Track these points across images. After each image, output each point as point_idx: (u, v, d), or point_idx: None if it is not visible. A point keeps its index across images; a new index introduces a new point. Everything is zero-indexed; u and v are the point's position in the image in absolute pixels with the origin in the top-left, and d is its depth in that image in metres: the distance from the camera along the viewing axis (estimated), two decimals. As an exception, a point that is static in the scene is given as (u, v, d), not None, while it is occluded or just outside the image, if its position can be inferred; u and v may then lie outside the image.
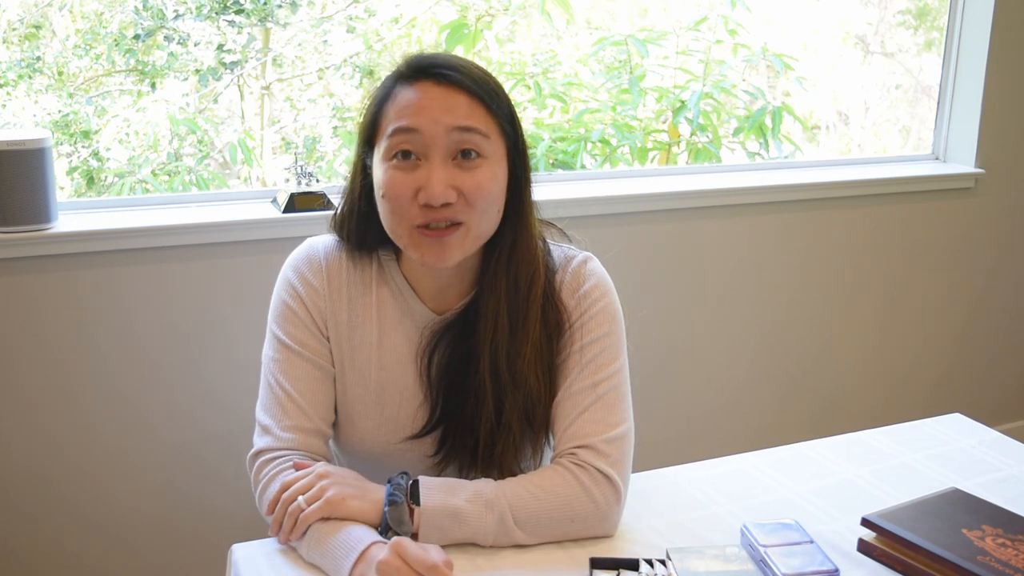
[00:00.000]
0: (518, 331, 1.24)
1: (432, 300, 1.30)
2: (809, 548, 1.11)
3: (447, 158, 1.17)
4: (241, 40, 3.29)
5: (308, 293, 1.30)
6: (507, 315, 1.24)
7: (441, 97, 1.18)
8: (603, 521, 1.19)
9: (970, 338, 2.89)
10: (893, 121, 4.74)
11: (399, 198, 1.18)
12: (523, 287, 1.25)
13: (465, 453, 1.29)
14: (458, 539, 1.15)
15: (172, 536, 1.99)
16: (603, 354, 1.27)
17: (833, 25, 4.39)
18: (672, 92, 3.05)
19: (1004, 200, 2.80)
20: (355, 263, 1.32)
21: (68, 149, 3.25)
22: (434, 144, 1.17)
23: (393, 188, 1.18)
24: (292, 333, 1.29)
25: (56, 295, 1.83)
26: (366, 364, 1.30)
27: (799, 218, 2.52)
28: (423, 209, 1.17)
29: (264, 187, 2.37)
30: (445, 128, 1.16)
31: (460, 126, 1.17)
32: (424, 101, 1.17)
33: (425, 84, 1.19)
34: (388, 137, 1.19)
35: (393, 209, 1.19)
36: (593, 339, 1.28)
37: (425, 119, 1.16)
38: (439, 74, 1.19)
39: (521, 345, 1.25)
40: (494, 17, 3.34)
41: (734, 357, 2.52)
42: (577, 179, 2.45)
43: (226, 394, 1.97)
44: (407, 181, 1.17)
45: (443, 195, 1.16)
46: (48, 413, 1.87)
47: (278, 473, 1.22)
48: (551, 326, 1.28)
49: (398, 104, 1.19)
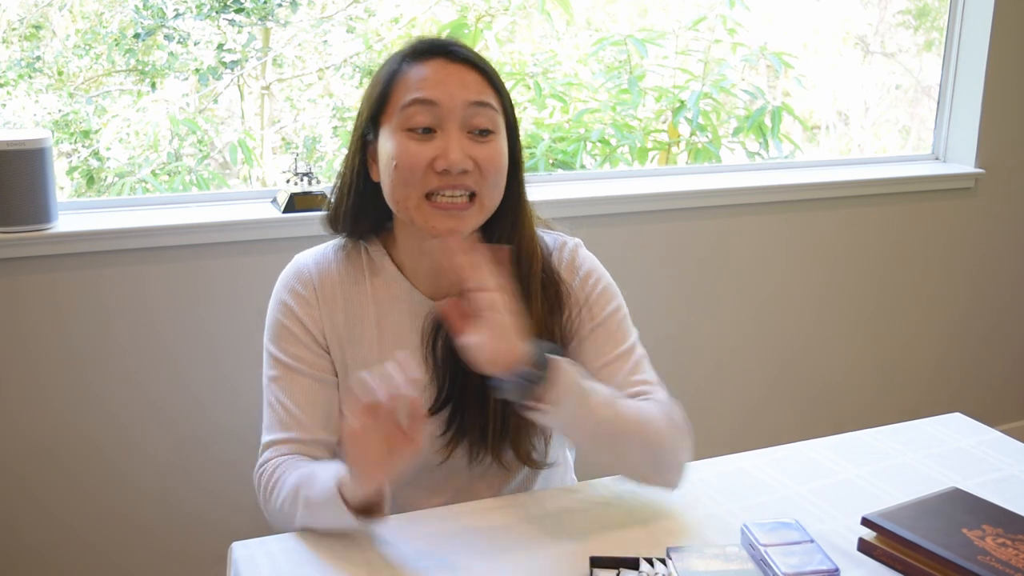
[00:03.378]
0: (522, 307, 1.26)
1: (426, 285, 1.31)
2: (809, 548, 1.11)
3: (462, 130, 1.20)
4: (241, 39, 3.29)
5: (300, 307, 1.30)
6: (512, 291, 1.26)
7: (456, 72, 1.21)
8: (677, 467, 1.24)
9: (970, 338, 2.89)
10: (893, 121, 4.74)
11: (414, 167, 1.19)
12: (524, 264, 1.28)
13: (475, 432, 1.29)
14: (575, 416, 1.15)
15: (172, 536, 1.99)
16: (624, 322, 1.34)
17: (833, 25, 4.39)
18: (672, 92, 3.05)
19: (1004, 200, 2.80)
20: (346, 260, 1.33)
21: (68, 149, 3.25)
22: (451, 116, 1.20)
23: (408, 157, 1.19)
24: (288, 350, 1.30)
25: (56, 295, 1.83)
26: (368, 357, 1.30)
27: (799, 218, 2.52)
28: (440, 176, 1.19)
29: (264, 187, 2.37)
30: (462, 102, 1.20)
31: (476, 100, 1.20)
32: (440, 75, 1.21)
33: (438, 60, 1.22)
34: (403, 108, 1.20)
35: (406, 179, 1.20)
36: (611, 311, 1.33)
37: (442, 92, 1.19)
38: (451, 51, 1.23)
39: (526, 320, 1.26)
40: (494, 17, 3.34)
41: (733, 356, 2.52)
42: (577, 179, 2.45)
43: (226, 393, 1.97)
44: (423, 151, 1.19)
45: (462, 162, 1.18)
46: (48, 413, 1.87)
47: (283, 473, 1.23)
48: (551, 300, 1.31)
49: (412, 78, 1.22)
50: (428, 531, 1.20)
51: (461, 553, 1.15)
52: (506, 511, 1.25)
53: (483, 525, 1.22)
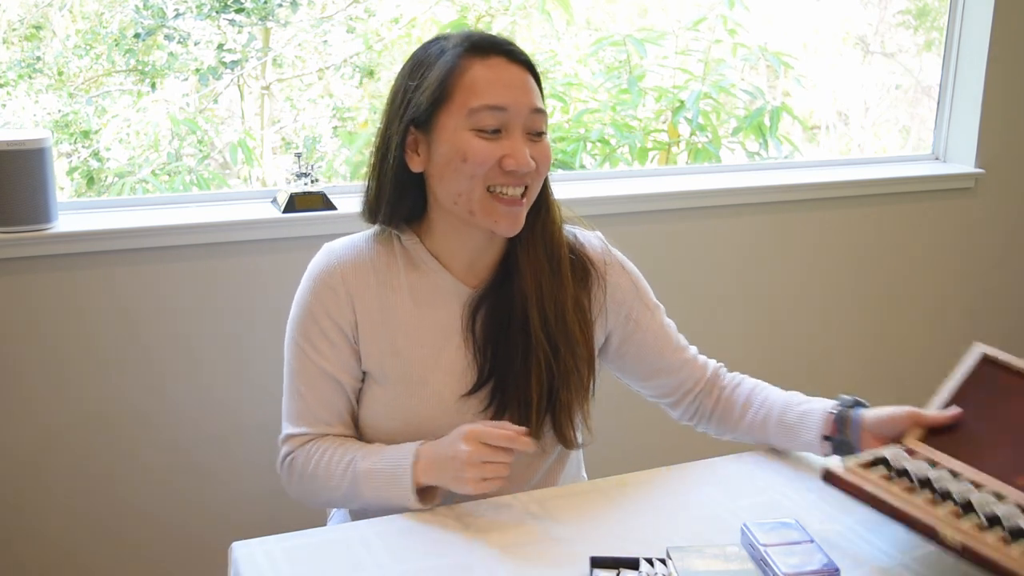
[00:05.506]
0: (559, 284, 1.34)
1: (463, 274, 1.35)
2: (809, 547, 1.11)
3: (524, 132, 1.28)
4: (241, 39, 3.30)
5: (329, 301, 1.32)
6: (548, 271, 1.33)
7: (519, 77, 1.28)
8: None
9: (970, 338, 2.87)
10: (893, 121, 4.74)
11: (483, 164, 1.25)
12: (556, 244, 1.36)
13: (515, 409, 1.33)
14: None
15: (172, 535, 1.99)
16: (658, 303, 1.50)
17: (833, 25, 4.40)
18: (671, 92, 3.05)
19: (1004, 200, 2.80)
20: (379, 248, 1.35)
21: (68, 149, 3.25)
22: (517, 120, 1.26)
23: (478, 155, 1.25)
24: (316, 345, 1.33)
25: (56, 295, 1.83)
26: (405, 345, 1.32)
27: (799, 218, 2.52)
28: (505, 175, 1.26)
29: (264, 187, 2.37)
30: (528, 109, 1.27)
31: (537, 108, 1.28)
32: (505, 79, 1.26)
33: (499, 60, 1.27)
34: (475, 112, 1.24)
35: (473, 174, 1.25)
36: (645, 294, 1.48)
37: (511, 99, 1.26)
38: (510, 51, 1.28)
39: (564, 297, 1.34)
40: (494, 17, 3.35)
41: (733, 357, 2.51)
42: (577, 179, 2.45)
43: (226, 393, 1.97)
44: (492, 150, 1.25)
45: (529, 163, 1.26)
46: (48, 413, 1.87)
47: (323, 449, 1.32)
48: (578, 275, 1.39)
49: (478, 79, 1.25)
50: (428, 531, 1.20)
51: (461, 553, 1.15)
52: (506, 511, 1.25)
53: (483, 525, 1.22)
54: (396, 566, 1.12)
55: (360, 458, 1.28)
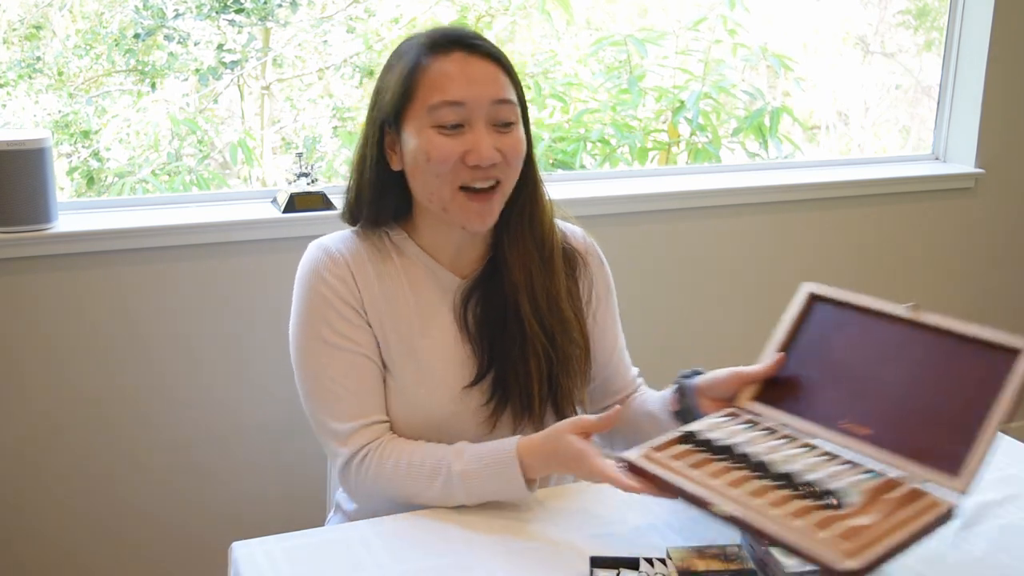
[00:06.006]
0: (550, 274, 1.35)
1: (451, 265, 1.35)
2: (809, 548, 1.11)
3: (488, 124, 1.26)
4: (241, 39, 3.30)
5: (339, 284, 1.31)
6: (538, 260, 1.34)
7: (480, 68, 1.26)
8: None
9: (970, 338, 2.88)
10: (893, 121, 4.74)
11: (446, 161, 1.24)
12: (546, 235, 1.36)
13: (517, 399, 1.33)
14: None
15: (172, 535, 2.00)
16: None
17: (833, 25, 4.39)
18: (672, 92, 3.05)
19: (1004, 200, 2.80)
20: (368, 242, 1.35)
21: (68, 149, 3.25)
22: (478, 113, 1.25)
23: (439, 152, 1.24)
24: (337, 329, 1.30)
25: (56, 295, 1.83)
26: (407, 332, 1.32)
27: (799, 218, 2.52)
28: (471, 170, 1.25)
29: (264, 187, 2.37)
30: (489, 101, 1.25)
31: (500, 99, 1.26)
32: (465, 72, 1.25)
33: (459, 54, 1.26)
34: (433, 109, 1.24)
35: (438, 172, 1.25)
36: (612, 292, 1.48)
37: (469, 92, 1.24)
38: (470, 44, 1.27)
39: (557, 286, 1.35)
40: (494, 17, 3.35)
41: (732, 357, 2.51)
42: (577, 179, 2.45)
43: (226, 393, 1.98)
44: (453, 146, 1.24)
45: (492, 156, 1.24)
46: (48, 413, 1.87)
47: (390, 451, 1.28)
48: (568, 264, 1.40)
49: (437, 75, 1.24)
50: (428, 531, 1.20)
51: (461, 553, 1.15)
52: (506, 511, 1.25)
53: (483, 525, 1.22)
54: (396, 566, 1.12)
55: (453, 460, 1.25)
